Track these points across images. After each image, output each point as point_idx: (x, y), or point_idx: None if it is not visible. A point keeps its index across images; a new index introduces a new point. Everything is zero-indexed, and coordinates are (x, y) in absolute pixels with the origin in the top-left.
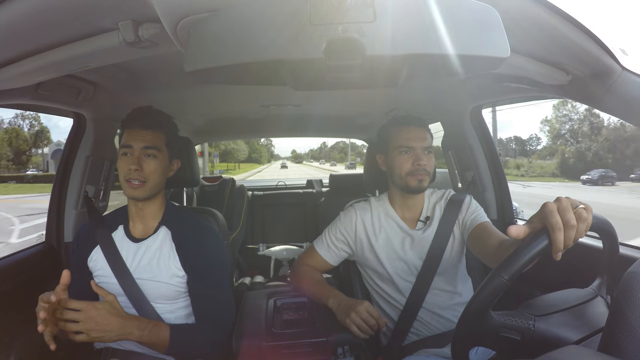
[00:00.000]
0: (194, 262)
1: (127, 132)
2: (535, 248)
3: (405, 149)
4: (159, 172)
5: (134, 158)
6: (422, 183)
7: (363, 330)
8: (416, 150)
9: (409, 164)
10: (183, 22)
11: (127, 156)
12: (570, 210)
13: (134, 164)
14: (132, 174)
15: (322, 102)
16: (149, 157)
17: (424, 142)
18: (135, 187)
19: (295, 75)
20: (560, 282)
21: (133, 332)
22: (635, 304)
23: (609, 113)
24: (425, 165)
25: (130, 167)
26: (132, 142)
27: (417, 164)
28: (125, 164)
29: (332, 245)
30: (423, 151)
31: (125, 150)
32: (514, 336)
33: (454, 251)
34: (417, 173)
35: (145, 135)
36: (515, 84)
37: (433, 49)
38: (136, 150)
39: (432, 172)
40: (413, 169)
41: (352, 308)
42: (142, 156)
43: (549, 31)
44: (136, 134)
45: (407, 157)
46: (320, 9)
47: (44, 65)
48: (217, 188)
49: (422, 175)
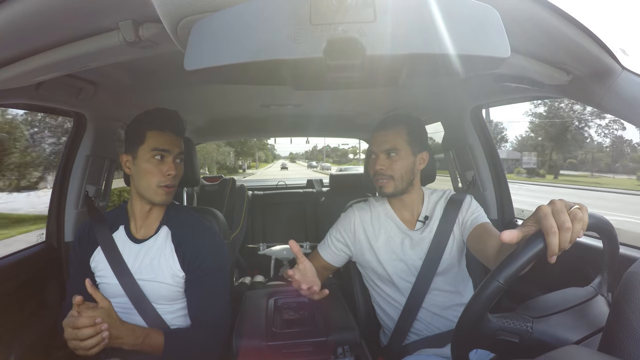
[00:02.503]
0: (192, 261)
1: (157, 134)
2: (530, 252)
3: (372, 153)
4: (182, 175)
5: (169, 163)
6: (382, 189)
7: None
8: (378, 154)
9: (372, 169)
10: (183, 22)
11: (160, 160)
12: (564, 213)
13: (172, 169)
14: (169, 180)
15: (323, 102)
16: (180, 162)
17: (383, 145)
18: (170, 192)
19: (295, 75)
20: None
21: (126, 340)
22: (635, 303)
23: (609, 113)
24: (381, 169)
25: (169, 173)
26: (169, 146)
27: (374, 169)
28: (159, 169)
29: (332, 246)
30: (386, 154)
31: (160, 153)
32: (512, 339)
33: (453, 251)
34: (376, 177)
35: (177, 141)
36: (516, 83)
37: (433, 49)
38: (172, 154)
39: (401, 174)
40: (374, 173)
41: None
42: (175, 160)
43: (550, 31)
44: (169, 137)
45: (372, 162)
46: (320, 9)
47: (44, 65)
48: (218, 188)
49: (381, 181)
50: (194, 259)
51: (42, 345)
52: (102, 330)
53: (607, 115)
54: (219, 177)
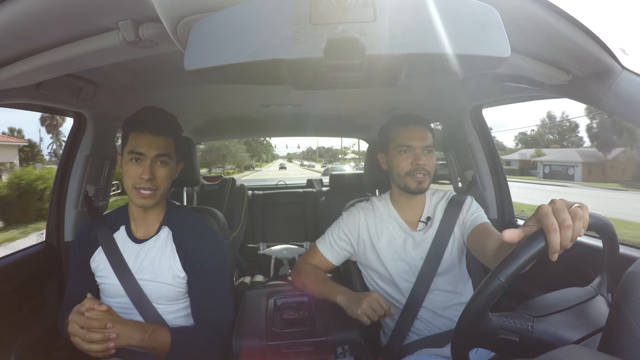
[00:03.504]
0: (194, 262)
1: (135, 135)
2: (531, 250)
3: (405, 148)
4: (169, 178)
5: (145, 166)
6: (421, 185)
7: (373, 319)
8: (415, 150)
9: (408, 163)
10: (183, 21)
11: (136, 163)
12: (565, 211)
13: (146, 173)
14: (143, 183)
15: (322, 102)
16: (161, 165)
17: (423, 142)
18: (146, 196)
19: (295, 75)
20: (560, 281)
21: (134, 336)
22: (634, 303)
23: (609, 113)
24: (424, 165)
25: (142, 177)
26: (144, 149)
27: (415, 164)
28: (134, 172)
29: (334, 244)
30: (422, 150)
31: (135, 156)
32: (512, 338)
33: (454, 251)
34: (416, 173)
35: (157, 142)
36: (516, 83)
37: (433, 49)
38: (148, 158)
39: (433, 171)
40: (412, 168)
41: (364, 298)
42: (154, 163)
43: (549, 31)
44: (147, 139)
45: (407, 157)
46: (320, 9)
47: (44, 65)
48: (217, 187)
49: (421, 176)
50: (196, 260)
51: (42, 345)
52: (110, 339)
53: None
54: (219, 177)
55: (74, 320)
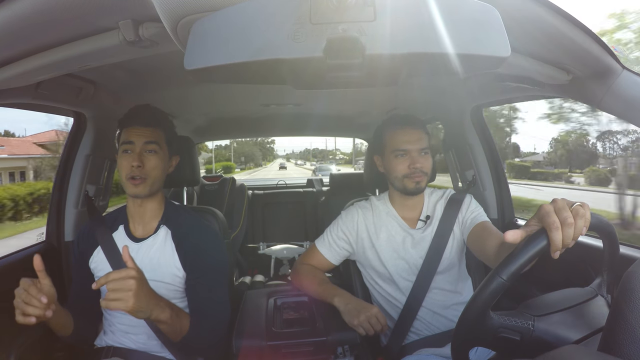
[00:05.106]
0: (193, 262)
1: (126, 130)
2: (533, 248)
3: (401, 152)
4: (159, 167)
5: (135, 155)
6: (419, 184)
7: (369, 333)
8: (412, 153)
9: (405, 167)
10: (183, 21)
11: (128, 153)
12: (566, 209)
13: (135, 160)
14: (134, 171)
15: (322, 101)
16: (151, 153)
17: (419, 144)
18: (137, 183)
19: (295, 74)
20: (560, 281)
21: (166, 310)
22: (634, 303)
23: (609, 113)
24: (421, 167)
25: (132, 164)
26: (133, 137)
27: (412, 167)
28: (126, 161)
29: (333, 244)
30: (419, 153)
31: (126, 147)
32: (513, 336)
33: (454, 250)
34: (414, 175)
35: (146, 132)
36: (516, 83)
37: (433, 48)
38: (137, 146)
39: (430, 172)
40: (409, 171)
41: (363, 312)
42: (143, 152)
43: (550, 31)
44: (136, 130)
45: (403, 160)
46: (320, 8)
47: (44, 65)
48: (218, 187)
49: (418, 177)
50: (195, 259)
51: (42, 345)
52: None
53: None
54: (219, 177)
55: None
